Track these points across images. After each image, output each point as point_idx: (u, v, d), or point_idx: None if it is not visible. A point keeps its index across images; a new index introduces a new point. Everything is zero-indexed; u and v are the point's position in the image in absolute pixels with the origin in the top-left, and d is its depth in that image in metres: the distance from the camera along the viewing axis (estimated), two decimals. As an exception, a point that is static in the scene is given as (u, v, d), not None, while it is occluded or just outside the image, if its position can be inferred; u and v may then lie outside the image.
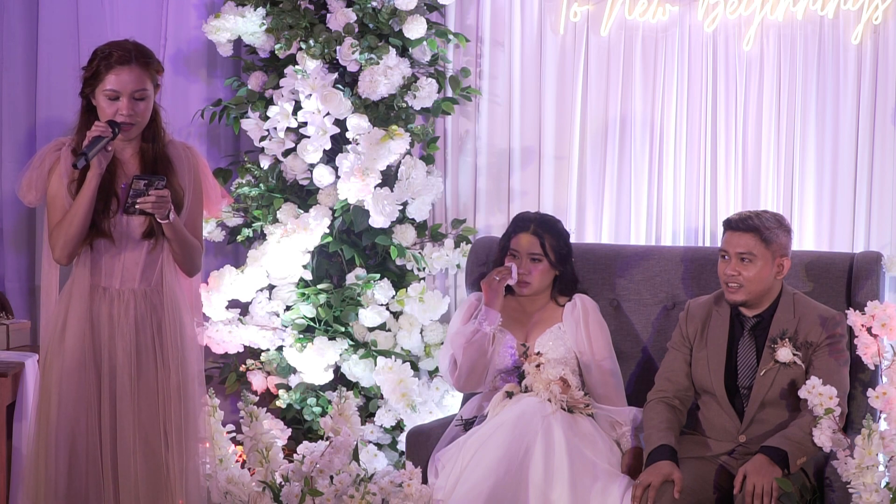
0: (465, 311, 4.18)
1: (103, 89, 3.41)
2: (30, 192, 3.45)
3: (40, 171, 3.44)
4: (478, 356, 4.05)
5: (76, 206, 3.38)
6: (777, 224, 3.80)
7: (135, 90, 3.41)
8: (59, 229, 3.41)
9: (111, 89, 3.40)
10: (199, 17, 4.91)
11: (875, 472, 3.39)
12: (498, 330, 4.09)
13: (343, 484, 3.61)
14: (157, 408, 3.47)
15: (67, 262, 3.45)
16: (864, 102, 4.51)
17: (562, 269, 4.16)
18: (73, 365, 3.42)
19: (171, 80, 4.94)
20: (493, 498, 3.67)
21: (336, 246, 4.72)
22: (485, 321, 4.05)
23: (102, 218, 3.42)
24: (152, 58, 3.47)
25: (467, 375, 4.07)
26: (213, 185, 3.64)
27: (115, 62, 3.40)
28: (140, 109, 3.43)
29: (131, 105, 3.40)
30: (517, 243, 4.14)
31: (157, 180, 3.39)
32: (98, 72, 3.42)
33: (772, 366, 3.76)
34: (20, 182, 3.45)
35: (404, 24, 4.67)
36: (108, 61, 3.41)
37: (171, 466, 3.47)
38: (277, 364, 4.76)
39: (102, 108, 3.42)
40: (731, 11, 4.59)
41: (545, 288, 4.17)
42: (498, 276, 4.07)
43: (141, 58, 3.43)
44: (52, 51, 4.84)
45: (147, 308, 3.49)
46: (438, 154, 4.87)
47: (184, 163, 3.54)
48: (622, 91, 4.73)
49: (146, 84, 3.43)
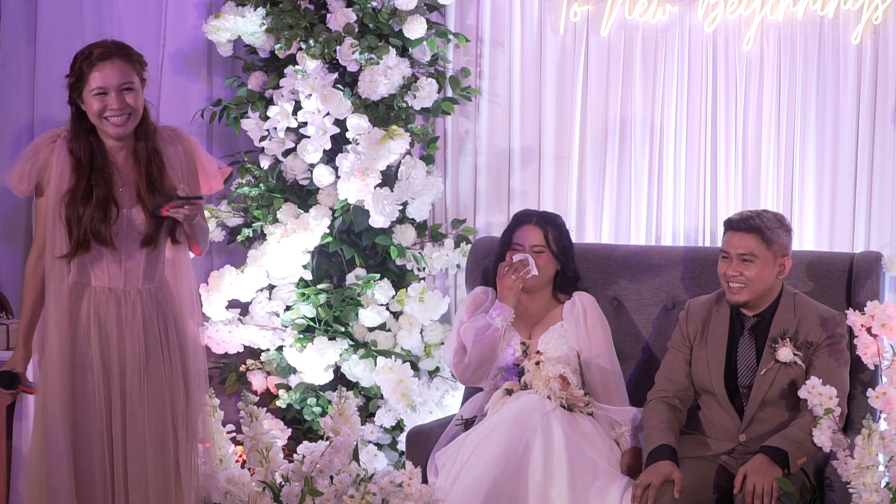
0: (469, 305, 4.18)
1: (90, 89, 3.38)
2: (21, 183, 3.42)
3: (34, 162, 3.41)
4: (488, 351, 4.04)
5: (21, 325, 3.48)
6: (778, 224, 3.79)
7: (121, 83, 3.38)
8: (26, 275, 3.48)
9: (97, 87, 3.37)
10: (199, 17, 4.91)
11: (875, 472, 3.39)
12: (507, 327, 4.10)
13: (343, 484, 3.61)
14: (166, 406, 3.47)
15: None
16: (864, 102, 4.51)
17: (564, 260, 4.16)
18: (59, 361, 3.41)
19: (171, 80, 4.95)
20: (493, 494, 3.67)
21: (336, 246, 4.72)
22: (497, 316, 4.04)
23: (102, 226, 3.40)
24: (133, 51, 3.44)
25: (475, 369, 4.07)
26: (207, 160, 3.61)
27: (97, 59, 3.38)
28: (130, 101, 3.40)
29: (120, 99, 3.38)
30: (520, 237, 4.14)
31: (195, 198, 3.42)
32: (81, 73, 3.39)
33: (772, 365, 3.76)
34: (11, 172, 3.42)
35: (404, 24, 4.67)
36: (89, 60, 3.38)
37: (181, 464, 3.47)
38: (277, 364, 4.76)
39: (91, 107, 3.39)
40: (731, 11, 4.59)
41: (547, 282, 4.17)
42: (515, 276, 4.05)
43: (121, 51, 3.41)
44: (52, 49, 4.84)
45: (153, 305, 3.49)
46: (438, 154, 4.87)
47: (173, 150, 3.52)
48: (622, 91, 4.73)
49: (132, 76, 3.40)
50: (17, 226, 4.86)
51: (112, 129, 3.40)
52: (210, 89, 4.99)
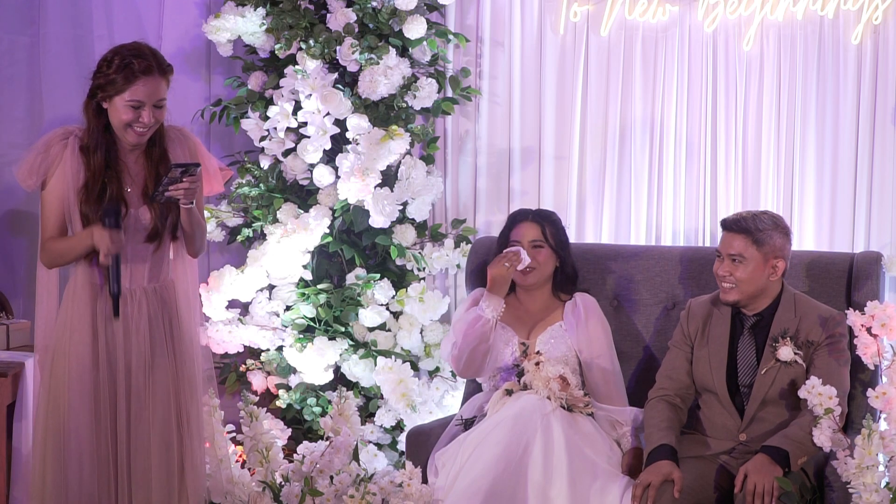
0: (469, 304, 4.18)
1: (125, 99, 3.37)
2: (30, 178, 3.42)
3: (45, 157, 3.41)
4: (478, 342, 4.03)
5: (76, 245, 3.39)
6: (772, 226, 3.79)
7: (158, 100, 3.41)
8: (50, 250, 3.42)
9: (135, 100, 3.37)
10: (199, 17, 4.91)
11: (875, 472, 3.39)
12: (501, 326, 4.09)
13: (343, 484, 3.61)
14: (171, 405, 3.48)
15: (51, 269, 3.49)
16: (864, 102, 4.51)
17: (562, 255, 4.17)
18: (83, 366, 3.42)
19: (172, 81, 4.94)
20: (492, 494, 3.67)
21: (336, 246, 4.72)
22: (487, 307, 4.04)
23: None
24: (167, 64, 3.45)
25: (467, 360, 4.06)
26: (210, 161, 3.62)
27: (139, 72, 3.37)
28: (160, 116, 3.43)
29: (153, 114, 3.40)
30: (517, 233, 4.15)
31: (192, 167, 3.38)
32: (114, 80, 3.38)
33: (773, 364, 3.76)
34: (21, 166, 3.42)
35: (404, 24, 4.67)
36: (129, 71, 3.37)
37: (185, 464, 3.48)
38: (277, 364, 4.76)
39: (119, 116, 3.39)
40: (731, 11, 4.59)
41: (547, 279, 4.17)
42: (508, 263, 4.05)
43: (161, 66, 3.42)
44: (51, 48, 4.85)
45: (158, 304, 3.50)
46: (438, 154, 4.87)
47: (181, 150, 3.53)
48: (622, 91, 4.73)
49: (165, 93, 3.43)
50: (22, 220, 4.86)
51: (134, 139, 3.43)
52: (210, 89, 4.99)
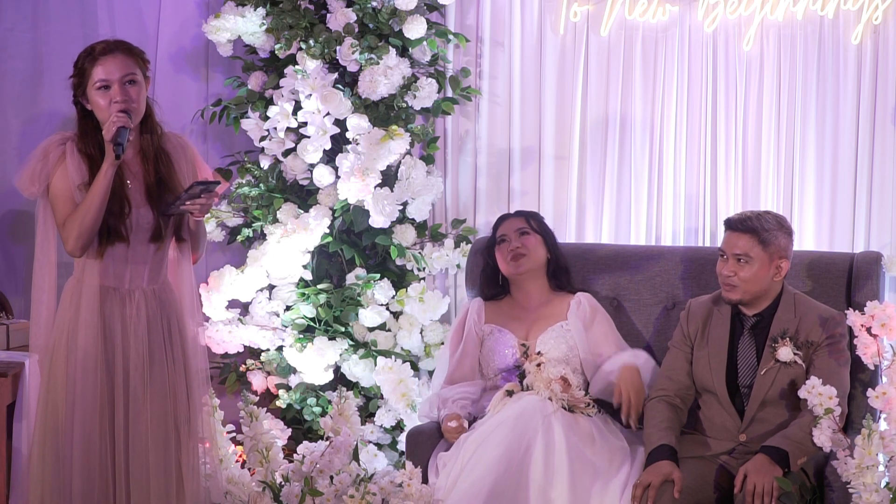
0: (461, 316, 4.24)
1: (93, 83, 3.38)
2: (32, 185, 3.42)
3: (45, 164, 3.41)
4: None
5: (92, 196, 3.34)
6: (777, 226, 3.79)
7: (124, 75, 3.38)
8: (72, 221, 3.37)
9: (100, 80, 3.37)
10: (199, 17, 4.91)
11: (875, 472, 3.39)
12: (497, 330, 4.12)
13: (343, 484, 3.61)
14: (169, 406, 3.48)
15: (81, 253, 3.41)
16: (864, 102, 4.51)
17: (550, 244, 4.23)
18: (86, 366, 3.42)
19: (170, 80, 4.94)
20: (494, 495, 3.67)
21: (336, 246, 4.72)
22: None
23: (118, 221, 3.40)
24: (134, 47, 3.45)
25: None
26: (207, 173, 3.63)
27: (99, 54, 3.39)
28: (133, 94, 3.40)
29: (123, 91, 3.37)
30: (503, 229, 4.25)
31: (213, 184, 3.39)
32: (83, 70, 3.40)
33: (772, 365, 3.76)
34: (21, 174, 3.42)
35: (404, 24, 4.67)
36: (91, 55, 3.39)
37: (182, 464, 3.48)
38: (277, 364, 4.76)
39: (97, 103, 3.39)
40: (731, 11, 4.59)
41: (539, 268, 4.19)
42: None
43: (123, 46, 3.42)
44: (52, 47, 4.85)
45: (157, 306, 3.49)
46: (438, 154, 4.87)
47: (181, 155, 3.53)
48: (622, 91, 4.73)
49: (134, 69, 3.41)
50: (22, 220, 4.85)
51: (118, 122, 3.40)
52: (210, 89, 4.99)
